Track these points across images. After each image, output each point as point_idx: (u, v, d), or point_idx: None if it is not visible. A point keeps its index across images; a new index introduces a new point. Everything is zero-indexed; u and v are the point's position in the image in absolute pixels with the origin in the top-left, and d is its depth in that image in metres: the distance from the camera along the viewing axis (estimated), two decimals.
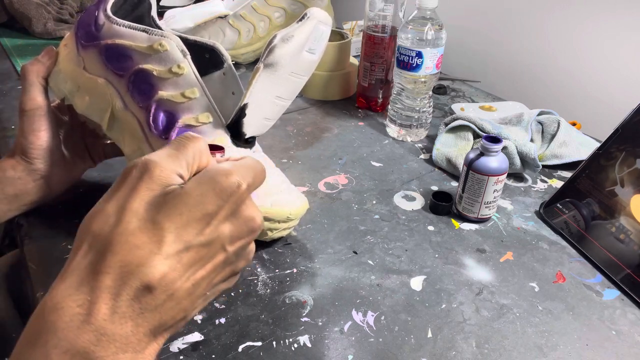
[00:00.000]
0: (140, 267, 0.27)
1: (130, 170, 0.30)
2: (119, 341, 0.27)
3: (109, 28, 0.48)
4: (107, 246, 0.27)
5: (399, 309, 0.46)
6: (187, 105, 0.47)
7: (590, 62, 0.86)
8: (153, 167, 0.29)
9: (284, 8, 0.99)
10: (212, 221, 0.30)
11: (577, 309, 0.48)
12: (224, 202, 0.30)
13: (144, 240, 0.28)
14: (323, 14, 0.48)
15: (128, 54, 0.47)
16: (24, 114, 0.50)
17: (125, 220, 0.28)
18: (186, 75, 0.47)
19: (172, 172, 0.30)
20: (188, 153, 0.31)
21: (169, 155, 0.31)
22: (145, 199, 0.29)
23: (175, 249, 0.28)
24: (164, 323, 0.29)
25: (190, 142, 0.32)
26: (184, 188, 0.29)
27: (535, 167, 0.64)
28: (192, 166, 0.32)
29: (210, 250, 0.30)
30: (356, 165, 0.69)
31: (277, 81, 0.48)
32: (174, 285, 0.28)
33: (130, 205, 0.28)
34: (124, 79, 0.48)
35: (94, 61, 0.49)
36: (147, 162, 0.30)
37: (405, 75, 0.71)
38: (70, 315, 0.26)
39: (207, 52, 0.52)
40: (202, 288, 0.31)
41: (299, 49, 0.47)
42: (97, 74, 0.49)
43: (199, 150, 0.32)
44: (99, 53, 0.48)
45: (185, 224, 0.29)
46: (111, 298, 0.27)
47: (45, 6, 1.10)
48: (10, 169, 0.50)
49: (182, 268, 0.29)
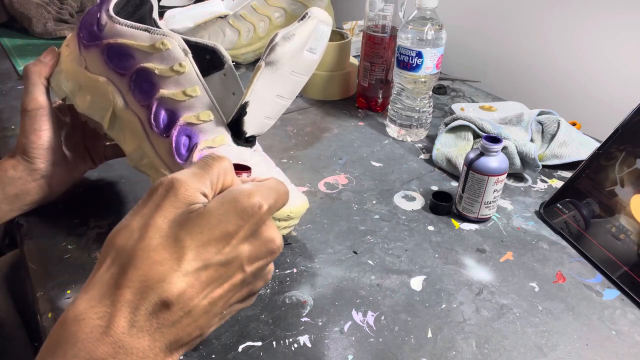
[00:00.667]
0: (160, 282, 0.28)
1: (157, 188, 0.31)
2: (136, 355, 0.27)
3: (112, 28, 0.48)
4: (130, 261, 0.28)
5: (399, 309, 0.46)
6: (188, 104, 0.47)
7: (590, 62, 0.86)
8: (178, 186, 0.30)
9: (284, 8, 0.99)
10: (231, 241, 0.30)
11: (577, 309, 0.48)
12: (245, 223, 0.30)
13: (164, 257, 0.28)
14: (324, 14, 0.48)
15: (130, 53, 0.47)
16: (26, 114, 0.51)
17: (148, 236, 0.29)
18: (188, 74, 0.47)
19: (196, 190, 0.31)
20: (213, 172, 0.32)
21: (194, 175, 0.31)
22: (169, 216, 0.29)
23: (194, 267, 0.29)
24: (180, 339, 0.29)
25: (216, 161, 0.32)
26: (207, 207, 0.30)
27: (535, 167, 0.64)
28: (216, 185, 0.32)
29: (229, 269, 0.30)
30: (356, 165, 0.69)
31: (278, 80, 0.48)
32: (191, 302, 0.29)
33: (154, 221, 0.29)
34: (126, 78, 0.48)
35: (96, 60, 0.49)
36: (173, 180, 0.30)
37: (405, 75, 0.71)
38: (91, 327, 0.27)
39: (207, 53, 0.52)
40: (218, 307, 0.31)
41: (300, 47, 0.47)
42: (98, 73, 0.49)
43: (224, 169, 0.33)
44: (101, 52, 0.49)
45: (205, 243, 0.29)
46: (130, 312, 0.27)
47: (45, 6, 1.10)
48: (11, 169, 0.51)
49: (200, 286, 0.29)
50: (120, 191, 0.61)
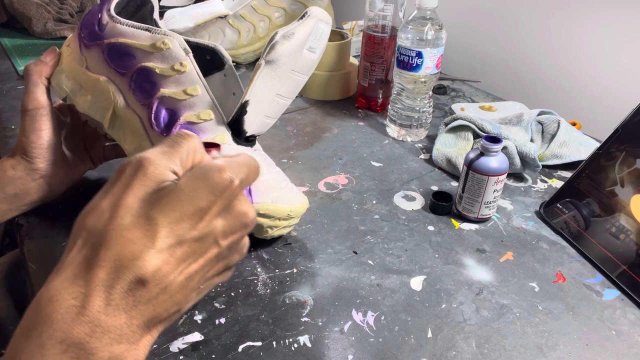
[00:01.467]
0: (134, 260, 0.28)
1: (125, 167, 0.30)
2: (113, 332, 0.27)
3: (113, 27, 0.48)
4: (101, 241, 0.28)
5: (399, 309, 0.46)
6: (188, 103, 0.47)
7: (591, 62, 0.86)
8: (147, 164, 0.30)
9: (284, 8, 0.99)
10: (204, 216, 0.30)
11: (577, 309, 0.48)
12: (217, 198, 0.30)
13: (137, 235, 0.28)
14: (323, 13, 0.48)
15: (131, 53, 0.47)
16: (26, 114, 0.51)
17: (119, 216, 0.28)
18: (188, 73, 0.47)
19: (165, 168, 0.30)
20: (182, 150, 0.32)
21: (162, 153, 0.31)
22: (139, 195, 0.29)
23: (168, 243, 0.29)
24: (158, 315, 0.29)
25: (184, 139, 0.32)
26: (177, 184, 0.30)
27: (535, 167, 0.64)
28: (186, 163, 0.32)
29: (203, 244, 0.30)
30: (356, 165, 0.69)
31: (278, 79, 0.48)
32: (167, 278, 0.29)
33: (124, 201, 0.29)
34: (126, 77, 0.48)
35: (97, 60, 0.49)
36: (141, 159, 0.30)
37: (405, 75, 0.71)
38: (66, 307, 0.27)
39: (208, 54, 0.52)
40: (195, 282, 0.31)
41: (300, 46, 0.47)
42: (99, 73, 0.50)
43: (193, 147, 0.32)
44: (102, 52, 0.49)
45: (178, 219, 0.29)
46: (105, 291, 0.27)
47: (45, 6, 1.10)
48: (11, 169, 0.51)
49: (175, 262, 0.29)
50: None
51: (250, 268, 0.50)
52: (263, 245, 0.53)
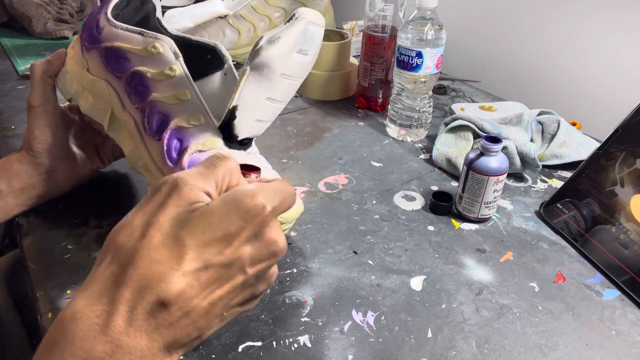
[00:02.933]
0: (159, 282, 0.27)
1: (161, 187, 0.31)
2: (134, 354, 0.27)
3: (109, 30, 0.49)
4: (130, 259, 0.28)
5: (399, 309, 0.46)
6: (179, 107, 0.47)
7: (590, 62, 0.86)
8: (182, 185, 0.30)
9: (284, 8, 0.99)
10: (233, 242, 0.30)
11: (577, 309, 0.48)
12: (247, 224, 0.30)
13: (164, 256, 0.28)
14: (313, 14, 0.46)
15: (125, 56, 0.48)
16: (32, 110, 0.52)
17: (149, 235, 0.28)
18: (178, 77, 0.47)
19: (200, 190, 0.30)
20: (218, 172, 0.32)
21: (199, 174, 0.31)
22: (171, 214, 0.29)
23: (194, 267, 0.28)
24: (179, 340, 0.29)
25: (221, 161, 0.32)
26: (209, 206, 0.30)
27: (535, 167, 0.64)
28: (221, 186, 0.32)
29: (230, 271, 0.30)
30: (356, 165, 0.69)
31: (267, 83, 0.47)
32: (190, 303, 0.28)
33: (156, 219, 0.29)
34: (122, 81, 0.48)
35: (96, 63, 0.50)
36: (177, 179, 0.30)
37: (405, 75, 0.71)
38: (88, 325, 0.27)
39: (208, 53, 0.52)
40: (218, 308, 0.31)
41: (288, 50, 0.46)
42: (99, 76, 0.50)
43: (229, 170, 0.32)
44: (100, 55, 0.49)
45: (206, 243, 0.29)
46: (128, 311, 0.27)
47: (45, 6, 1.10)
48: (17, 162, 0.52)
49: (199, 286, 0.29)
50: (120, 191, 0.61)
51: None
52: None
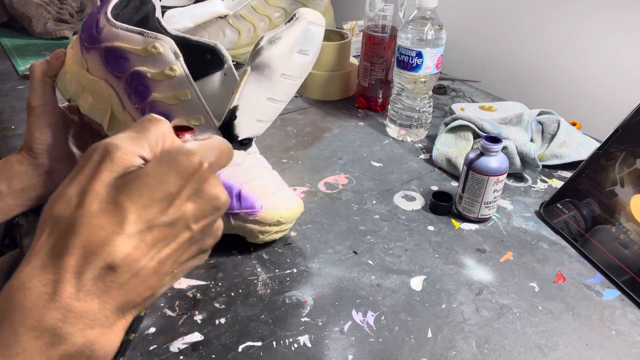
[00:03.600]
0: (103, 247, 0.27)
1: (92, 153, 0.30)
2: (86, 318, 0.27)
3: (109, 31, 0.48)
4: (69, 228, 0.28)
5: (399, 309, 0.46)
6: (179, 107, 0.47)
7: (590, 62, 0.86)
8: (114, 150, 0.29)
9: (284, 8, 0.99)
10: (174, 201, 0.30)
11: (577, 309, 0.48)
12: (186, 182, 0.30)
13: (105, 222, 0.28)
14: (314, 15, 0.47)
15: (125, 56, 0.47)
16: (31, 110, 0.52)
17: (86, 203, 0.28)
18: (178, 77, 0.47)
19: (133, 154, 0.30)
20: (150, 135, 0.31)
21: (130, 138, 0.31)
22: (106, 181, 0.29)
23: (137, 229, 0.28)
24: (131, 300, 0.29)
25: (153, 124, 0.32)
26: (145, 168, 0.29)
27: (535, 167, 0.64)
28: (155, 148, 0.31)
29: (175, 229, 0.30)
30: (356, 165, 0.69)
31: (267, 83, 0.47)
32: (138, 264, 0.29)
33: (91, 188, 0.28)
34: (122, 81, 0.48)
35: (96, 63, 0.50)
36: (107, 145, 0.30)
37: (405, 75, 0.71)
38: (37, 295, 0.27)
39: (208, 53, 0.52)
40: (168, 266, 0.31)
41: (289, 50, 0.46)
42: (98, 76, 0.50)
43: (162, 132, 0.32)
44: (100, 55, 0.49)
45: (147, 204, 0.29)
46: (75, 277, 0.27)
47: (45, 6, 1.10)
48: (17, 163, 0.52)
49: (145, 247, 0.29)
50: None
51: (250, 268, 0.50)
52: (263, 246, 0.53)
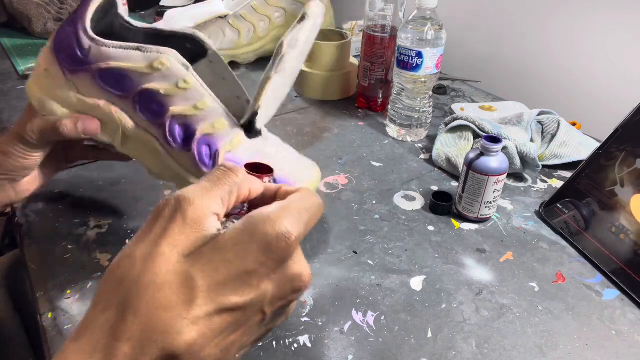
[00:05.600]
0: (165, 333, 0.24)
1: (162, 209, 0.27)
2: None
3: (98, 51, 0.45)
4: (130, 302, 0.24)
5: (399, 309, 0.46)
6: (201, 116, 0.46)
7: (590, 62, 0.86)
8: (186, 206, 0.26)
9: (284, 8, 0.99)
10: (252, 280, 0.26)
11: (577, 309, 0.48)
12: (267, 258, 0.26)
13: (172, 299, 0.24)
14: (319, 8, 0.47)
15: (126, 75, 0.45)
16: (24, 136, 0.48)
17: (153, 271, 0.25)
18: (194, 88, 0.45)
19: (206, 210, 0.27)
20: (224, 187, 0.28)
21: (203, 190, 0.27)
22: (177, 245, 0.26)
23: (206, 312, 0.25)
24: None
25: (226, 175, 0.29)
26: (223, 237, 0.26)
27: (535, 167, 0.64)
28: (229, 202, 0.28)
29: (246, 313, 0.26)
30: (356, 165, 0.69)
31: (285, 81, 0.49)
32: (201, 353, 0.25)
33: (160, 250, 0.25)
34: (129, 100, 0.46)
35: (89, 85, 0.46)
36: (179, 199, 0.27)
37: (405, 75, 0.71)
38: None
39: (187, 42, 0.50)
40: (231, 353, 0.27)
41: (304, 49, 0.47)
42: (96, 97, 0.47)
43: (236, 183, 0.29)
44: (92, 77, 0.46)
45: (221, 283, 0.25)
46: None
47: (45, 6, 1.10)
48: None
49: (211, 334, 0.25)
50: (120, 191, 0.61)
51: None
52: None
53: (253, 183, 0.30)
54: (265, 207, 0.27)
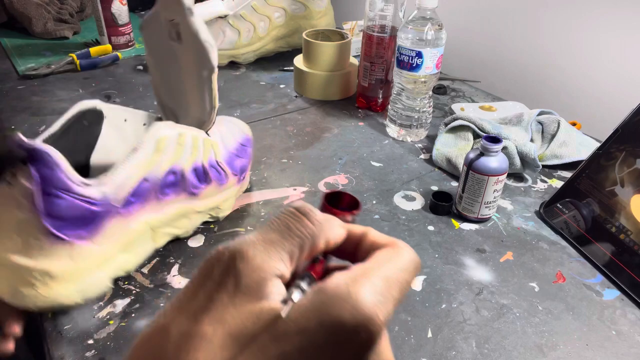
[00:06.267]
0: None
1: (212, 266, 0.21)
2: None
3: (115, 194, 0.43)
4: None
5: (399, 309, 0.46)
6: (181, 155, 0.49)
7: (590, 62, 0.86)
8: (241, 266, 0.20)
9: (284, 8, 0.99)
10: None
11: (577, 309, 0.48)
12: (340, 354, 0.19)
13: None
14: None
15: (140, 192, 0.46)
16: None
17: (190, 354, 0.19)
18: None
19: (268, 272, 0.21)
20: (294, 240, 0.22)
21: (266, 244, 0.21)
22: (224, 321, 0.19)
23: None
24: None
25: (298, 223, 0.22)
26: (284, 322, 0.19)
27: (535, 167, 0.64)
28: (299, 259, 0.22)
29: None
30: (356, 165, 0.69)
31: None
32: None
33: (200, 330, 0.19)
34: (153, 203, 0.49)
35: (117, 228, 0.45)
36: (234, 256, 0.21)
37: (405, 75, 0.71)
38: None
39: (84, 119, 0.48)
40: None
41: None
42: (134, 225, 0.47)
43: (311, 235, 0.22)
44: (119, 215, 0.44)
45: None
46: None
47: (45, 6, 1.10)
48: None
49: None
50: None
51: None
52: None
53: (332, 229, 0.23)
54: (342, 275, 0.20)
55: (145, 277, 0.49)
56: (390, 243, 0.23)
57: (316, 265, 0.23)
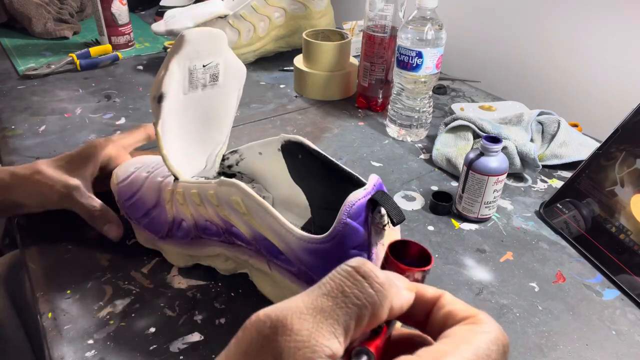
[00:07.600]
0: None
1: (249, 337, 0.19)
2: None
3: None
4: None
5: None
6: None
7: (591, 62, 0.86)
8: (283, 340, 0.17)
9: (284, 8, 0.99)
10: None
11: (577, 309, 0.48)
12: None
13: None
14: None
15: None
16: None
17: None
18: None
19: (316, 349, 0.17)
20: (350, 310, 0.18)
21: (315, 313, 0.18)
22: None
23: None
24: None
25: (356, 286, 0.18)
26: None
27: (535, 167, 0.64)
28: (355, 332, 0.18)
29: None
30: (356, 165, 0.69)
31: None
32: None
33: None
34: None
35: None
36: (275, 326, 0.18)
37: (405, 75, 0.71)
38: None
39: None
40: None
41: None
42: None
43: (370, 303, 0.18)
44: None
45: None
46: None
47: (45, 6, 1.10)
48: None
49: None
50: None
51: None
52: None
53: (398, 294, 0.19)
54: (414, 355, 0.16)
55: (145, 277, 0.49)
56: (471, 316, 0.19)
57: (376, 338, 0.19)
